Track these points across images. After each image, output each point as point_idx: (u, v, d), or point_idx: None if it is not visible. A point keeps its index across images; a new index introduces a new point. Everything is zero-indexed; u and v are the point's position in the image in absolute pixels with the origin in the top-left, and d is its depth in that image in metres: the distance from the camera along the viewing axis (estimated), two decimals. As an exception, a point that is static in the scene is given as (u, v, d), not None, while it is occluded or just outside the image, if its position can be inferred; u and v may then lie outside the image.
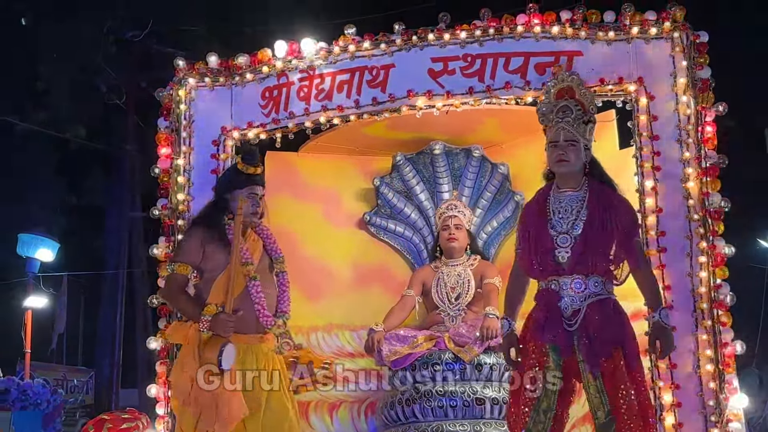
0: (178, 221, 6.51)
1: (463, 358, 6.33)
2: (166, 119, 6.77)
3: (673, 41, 6.07)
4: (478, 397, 6.28)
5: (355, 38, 6.51)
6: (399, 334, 6.58)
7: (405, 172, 7.31)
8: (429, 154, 7.27)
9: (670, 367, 5.65)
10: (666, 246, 5.82)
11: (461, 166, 7.28)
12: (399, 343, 6.51)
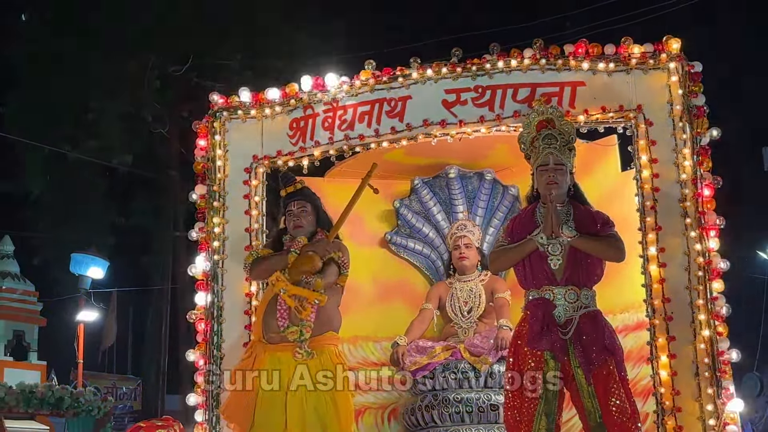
0: (214, 243, 6.54)
1: (478, 367, 6.36)
2: (202, 149, 6.81)
3: (669, 71, 6.05)
4: (493, 404, 6.32)
5: (375, 72, 6.54)
6: (419, 345, 6.63)
7: (422, 195, 7.32)
8: (444, 178, 7.28)
9: (671, 374, 5.62)
10: (665, 261, 5.78)
11: (475, 188, 7.28)
12: (419, 354, 6.54)
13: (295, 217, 5.52)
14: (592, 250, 5.04)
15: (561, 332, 4.93)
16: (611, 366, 4.88)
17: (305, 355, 5.19)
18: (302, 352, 5.19)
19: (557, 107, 5.73)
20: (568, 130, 5.30)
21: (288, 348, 5.22)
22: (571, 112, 6.05)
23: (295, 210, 5.53)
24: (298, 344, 5.20)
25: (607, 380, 4.84)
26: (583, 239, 5.01)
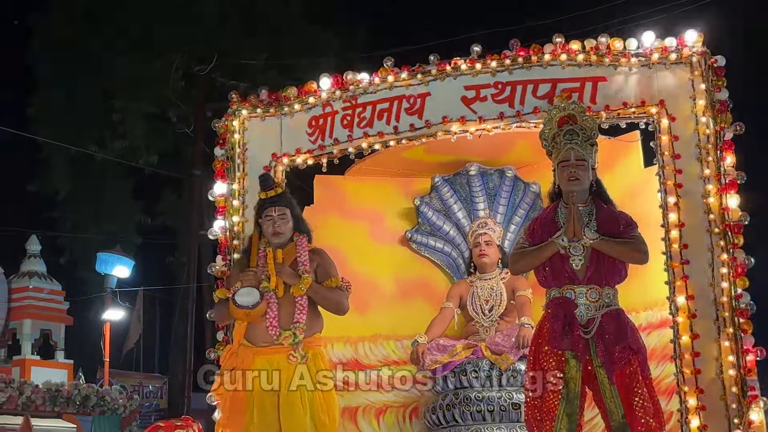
0: (234, 241, 6.53)
1: (500, 365, 6.31)
2: (222, 147, 6.79)
3: (692, 66, 5.98)
4: (514, 402, 6.27)
5: (394, 69, 6.49)
6: (440, 343, 6.58)
7: (443, 192, 7.26)
8: (465, 175, 7.23)
9: (695, 372, 5.55)
10: (689, 258, 5.72)
11: (496, 185, 7.23)
12: (439, 353, 6.50)
13: (275, 224, 5.31)
14: (615, 253, 4.95)
15: (583, 331, 4.85)
16: (634, 365, 4.81)
17: (300, 359, 5.07)
18: (297, 355, 5.06)
19: (579, 103, 5.65)
20: (590, 126, 5.21)
21: (281, 350, 5.09)
22: (593, 107, 5.98)
23: (275, 216, 5.29)
24: (293, 347, 5.09)
25: (630, 380, 4.78)
26: (605, 242, 4.92)
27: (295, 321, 5.09)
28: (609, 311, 4.90)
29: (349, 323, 5.89)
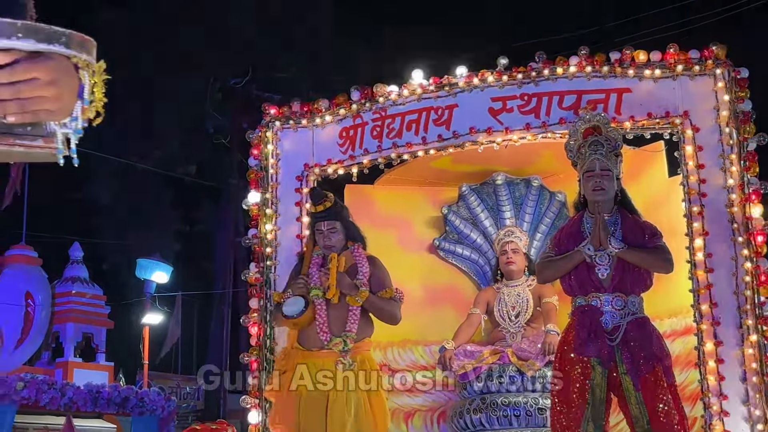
0: (267, 249, 6.52)
1: (526, 371, 6.23)
2: (256, 158, 6.79)
3: (715, 77, 5.91)
4: (540, 407, 6.17)
5: (422, 82, 6.48)
6: (467, 349, 6.52)
7: (470, 201, 7.20)
8: (492, 185, 7.16)
9: (719, 379, 5.49)
10: (713, 267, 5.65)
11: (522, 194, 7.16)
12: (466, 358, 6.44)
13: (325, 238, 5.42)
14: (640, 262, 4.92)
15: (608, 339, 4.84)
16: (659, 372, 4.78)
17: (347, 366, 5.13)
18: (345, 362, 5.13)
19: (603, 114, 5.63)
20: (615, 137, 5.20)
21: (330, 355, 5.16)
22: (617, 118, 5.93)
23: (324, 230, 5.42)
24: (342, 354, 5.12)
25: (655, 387, 4.74)
26: (630, 251, 4.88)
27: (347, 330, 5.21)
28: (634, 319, 4.89)
29: (379, 329, 5.85)
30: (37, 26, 1.48)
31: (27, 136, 1.51)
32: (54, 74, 1.49)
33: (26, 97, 1.47)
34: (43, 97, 1.49)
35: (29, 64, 1.47)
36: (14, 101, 1.46)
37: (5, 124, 1.46)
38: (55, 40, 1.48)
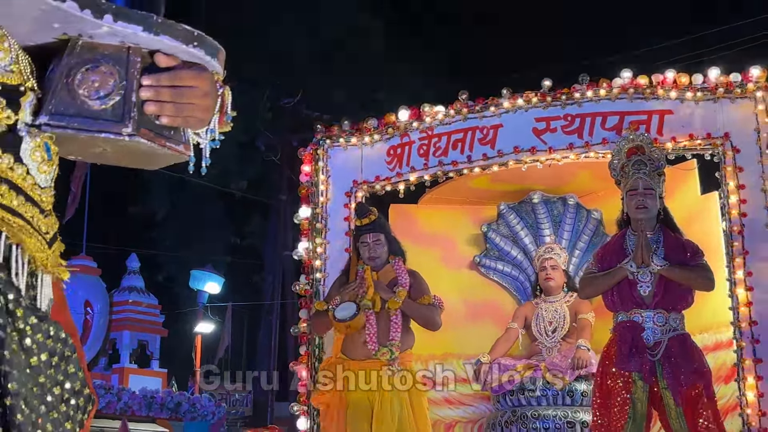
0: (316, 261, 6.54)
1: (555, 385, 6.17)
2: (307, 175, 6.81)
3: (756, 100, 5.86)
4: (569, 421, 6.14)
5: (468, 102, 6.46)
6: (501, 363, 6.46)
7: (509, 219, 7.16)
8: (529, 203, 7.13)
9: (758, 395, 5.41)
10: (752, 285, 5.57)
11: (560, 212, 7.11)
12: (501, 372, 6.39)
13: (370, 249, 5.44)
14: (682, 279, 4.88)
15: (650, 354, 4.80)
16: (699, 387, 4.74)
17: (395, 373, 5.15)
18: (393, 369, 5.15)
19: (646, 134, 5.59)
20: (657, 157, 5.17)
21: (376, 365, 5.18)
22: (659, 139, 5.87)
23: (370, 242, 5.45)
24: (389, 363, 5.12)
25: (695, 402, 4.70)
26: (672, 269, 4.84)
27: (391, 338, 5.22)
28: (676, 335, 4.85)
29: (421, 342, 5.85)
30: (207, 38, 1.53)
31: (173, 139, 1.53)
32: (209, 86, 1.54)
33: (183, 103, 1.50)
34: (197, 105, 1.53)
35: (192, 73, 1.52)
36: (172, 104, 1.49)
37: (156, 125, 1.49)
38: (214, 55, 1.54)
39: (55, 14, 1.43)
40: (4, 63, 1.44)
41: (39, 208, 1.46)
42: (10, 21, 1.45)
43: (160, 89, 1.49)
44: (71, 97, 1.47)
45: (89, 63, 1.48)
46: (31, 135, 1.45)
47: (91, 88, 1.46)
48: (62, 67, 1.47)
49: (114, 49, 1.49)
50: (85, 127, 1.46)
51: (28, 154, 1.46)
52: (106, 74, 1.47)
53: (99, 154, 1.57)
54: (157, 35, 1.48)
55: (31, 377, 1.36)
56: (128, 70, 1.48)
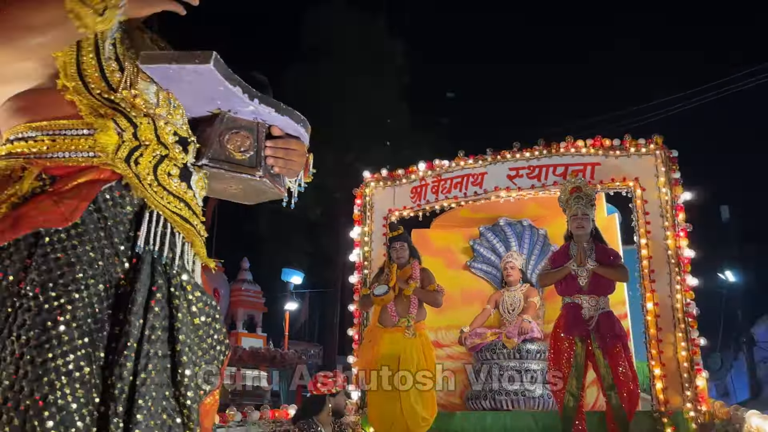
0: (364, 262, 6.59)
1: (508, 345, 6.13)
2: (359, 206, 6.83)
3: (656, 156, 5.81)
4: (518, 369, 6.08)
5: (464, 158, 6.46)
6: (476, 331, 6.42)
7: (488, 236, 7.10)
8: (499, 226, 7.07)
9: (659, 353, 5.29)
10: (655, 279, 5.51)
11: (520, 231, 7.03)
12: (476, 338, 6.35)
13: (397, 252, 5.45)
14: (608, 275, 4.85)
15: (586, 324, 4.77)
16: (619, 347, 4.71)
17: (411, 335, 5.14)
18: (409, 332, 5.15)
19: (582, 178, 5.55)
20: (590, 193, 5.13)
21: (399, 330, 5.18)
22: (592, 181, 5.84)
23: (397, 248, 5.46)
24: (407, 328, 5.12)
25: (617, 356, 4.67)
26: (601, 267, 4.82)
27: (409, 312, 5.22)
28: (603, 312, 4.83)
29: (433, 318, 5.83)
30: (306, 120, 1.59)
31: (279, 183, 1.58)
32: (303, 151, 1.59)
33: (288, 159, 1.55)
34: (296, 162, 1.57)
35: (296, 141, 1.58)
36: (283, 160, 1.54)
37: (271, 173, 1.54)
38: (308, 132, 1.59)
39: (222, 94, 1.46)
40: (179, 123, 1.48)
41: (199, 220, 1.49)
42: (188, 98, 1.48)
43: (277, 150, 1.54)
44: (222, 149, 1.51)
45: (234, 129, 1.52)
46: (196, 171, 1.49)
47: (236, 145, 1.51)
48: (215, 129, 1.52)
49: (248, 122, 1.53)
50: (232, 169, 1.51)
51: (194, 183, 1.49)
52: (244, 137, 1.52)
53: (228, 191, 1.60)
54: (282, 116, 1.53)
55: (193, 331, 1.38)
56: (258, 136, 1.53)
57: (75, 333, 1.19)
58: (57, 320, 1.19)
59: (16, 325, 1.18)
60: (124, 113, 1.38)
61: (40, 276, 1.22)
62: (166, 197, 1.41)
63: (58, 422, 1.14)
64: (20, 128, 1.39)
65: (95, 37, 1.40)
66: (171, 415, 1.30)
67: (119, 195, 1.37)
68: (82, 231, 1.29)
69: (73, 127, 1.37)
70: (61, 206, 1.27)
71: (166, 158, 1.42)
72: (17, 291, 1.22)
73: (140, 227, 1.38)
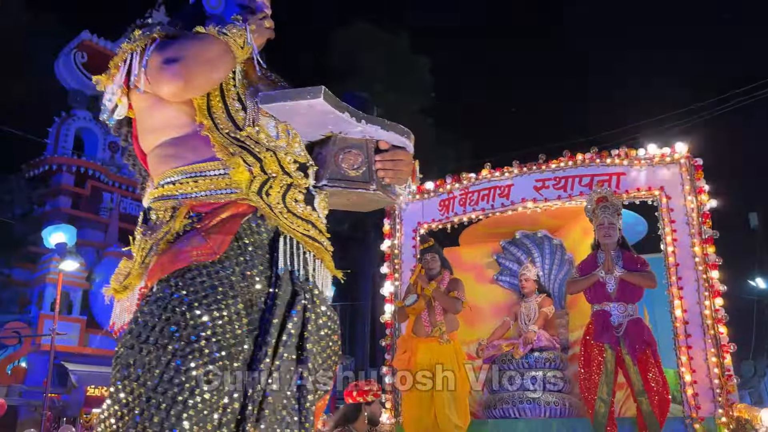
0: (395, 274, 6.63)
1: (514, 356, 6.10)
2: (389, 220, 6.88)
3: (680, 164, 5.80)
4: (524, 377, 5.98)
5: (491, 170, 6.50)
6: (492, 344, 6.39)
7: (511, 250, 7.09)
8: (517, 239, 7.05)
9: (689, 359, 5.28)
10: (682, 286, 5.49)
11: (540, 242, 6.98)
12: (491, 350, 6.32)
13: (428, 263, 5.53)
14: (636, 281, 4.85)
15: (615, 331, 4.76)
16: (648, 353, 4.70)
17: (444, 342, 5.24)
18: (443, 341, 5.24)
19: (608, 188, 5.57)
20: (616, 203, 5.16)
21: (432, 339, 5.27)
22: (617, 191, 5.84)
23: (429, 259, 5.55)
24: (440, 335, 5.21)
25: (646, 362, 4.66)
26: (629, 274, 4.83)
27: (438, 320, 5.29)
28: (632, 318, 4.81)
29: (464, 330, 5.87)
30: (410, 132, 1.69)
31: (390, 192, 1.70)
32: (410, 160, 1.72)
33: (397, 170, 1.68)
34: (404, 171, 1.70)
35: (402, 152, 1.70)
36: (392, 171, 1.68)
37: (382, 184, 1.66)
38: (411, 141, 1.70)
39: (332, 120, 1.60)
40: (298, 150, 1.63)
41: (325, 237, 1.65)
42: (303, 126, 1.63)
43: (386, 162, 1.67)
44: (338, 169, 1.65)
45: (346, 149, 1.65)
46: (317, 193, 1.64)
47: (349, 163, 1.65)
48: (330, 151, 1.65)
49: (357, 141, 1.66)
50: (348, 186, 1.65)
51: (317, 205, 1.64)
52: (356, 155, 1.65)
53: (344, 204, 1.74)
54: (388, 132, 1.65)
55: (318, 341, 1.53)
56: (368, 152, 1.65)
57: (214, 347, 1.36)
58: (200, 335, 1.36)
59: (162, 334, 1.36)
60: (249, 150, 1.55)
61: (188, 296, 1.40)
62: (296, 221, 1.57)
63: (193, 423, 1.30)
64: (168, 173, 1.57)
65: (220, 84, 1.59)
66: (290, 413, 1.45)
67: (256, 225, 1.55)
68: (224, 258, 1.47)
69: (212, 169, 1.54)
70: (210, 241, 1.46)
71: (292, 186, 1.58)
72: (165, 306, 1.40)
73: (276, 250, 1.55)
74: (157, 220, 1.53)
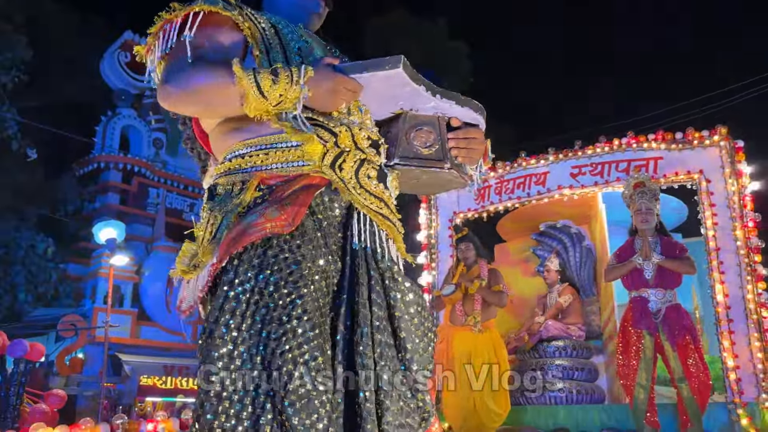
0: (432, 264, 6.62)
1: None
2: (425, 209, 6.88)
3: (720, 147, 5.65)
4: (533, 365, 5.97)
5: (526, 158, 6.43)
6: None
7: (542, 240, 7.00)
8: (542, 231, 6.96)
9: (732, 344, 5.15)
10: (724, 270, 5.37)
11: (567, 231, 6.86)
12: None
13: (463, 253, 5.51)
14: (674, 268, 4.74)
15: (654, 318, 4.68)
16: (688, 338, 4.60)
17: (478, 331, 5.25)
18: (476, 330, 5.25)
19: (646, 173, 5.47)
20: (654, 188, 5.04)
21: (467, 328, 5.28)
22: (654, 176, 5.72)
23: (463, 249, 5.53)
24: (474, 325, 5.21)
25: (686, 348, 4.57)
26: (667, 261, 4.74)
27: (475, 310, 5.30)
28: (671, 304, 4.73)
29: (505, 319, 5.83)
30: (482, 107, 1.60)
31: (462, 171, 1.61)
32: (482, 138, 1.62)
33: (470, 148, 1.59)
34: (477, 150, 1.61)
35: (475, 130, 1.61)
36: (465, 149, 1.59)
37: (455, 162, 1.57)
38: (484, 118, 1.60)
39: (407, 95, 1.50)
40: (370, 126, 1.54)
41: (397, 217, 1.56)
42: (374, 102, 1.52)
43: (459, 141, 1.57)
44: (410, 147, 1.55)
45: (417, 126, 1.55)
46: (390, 171, 1.55)
47: (421, 141, 1.55)
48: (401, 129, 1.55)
49: (429, 117, 1.55)
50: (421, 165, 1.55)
51: (389, 183, 1.55)
52: (428, 132, 1.55)
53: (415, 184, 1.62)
54: (462, 108, 1.55)
55: (410, 320, 1.44)
56: (440, 129, 1.55)
57: (307, 326, 1.29)
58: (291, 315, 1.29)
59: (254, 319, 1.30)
60: (323, 126, 1.47)
61: (272, 275, 1.33)
62: (369, 198, 1.48)
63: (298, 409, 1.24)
64: (236, 146, 1.50)
65: None
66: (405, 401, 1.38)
67: (329, 199, 1.47)
68: (302, 232, 1.40)
69: (283, 140, 1.46)
70: (284, 213, 1.38)
71: (365, 162, 1.50)
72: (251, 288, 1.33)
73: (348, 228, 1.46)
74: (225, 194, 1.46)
